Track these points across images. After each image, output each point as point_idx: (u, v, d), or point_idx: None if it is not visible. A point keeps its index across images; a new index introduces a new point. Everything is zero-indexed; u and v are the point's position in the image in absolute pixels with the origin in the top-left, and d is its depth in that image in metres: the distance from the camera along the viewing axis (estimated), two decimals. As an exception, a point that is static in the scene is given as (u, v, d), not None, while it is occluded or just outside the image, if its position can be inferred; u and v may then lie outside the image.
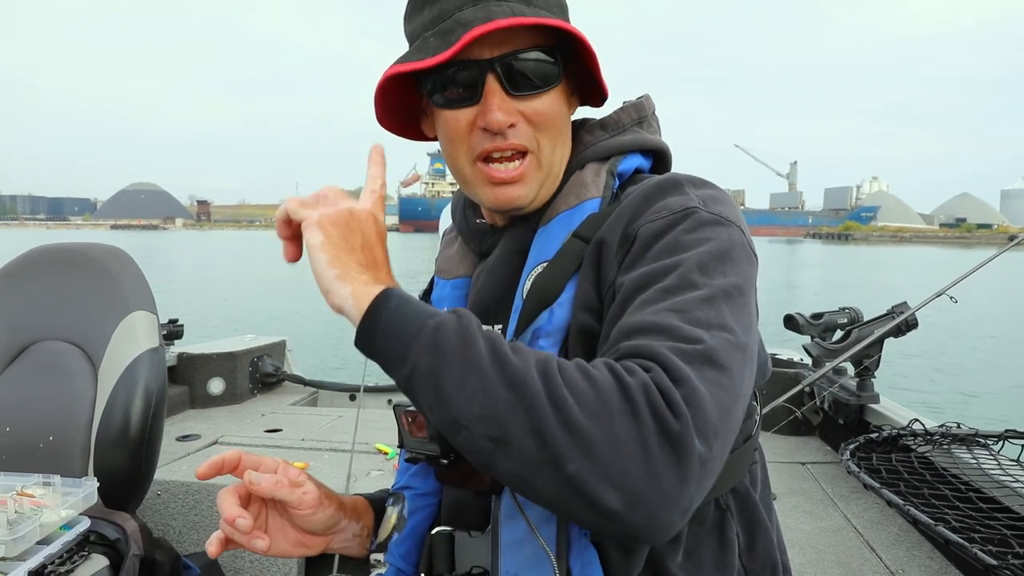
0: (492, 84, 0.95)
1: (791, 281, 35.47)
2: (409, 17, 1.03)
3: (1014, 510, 1.91)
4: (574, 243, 0.97)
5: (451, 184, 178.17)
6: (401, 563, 1.08)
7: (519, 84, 0.96)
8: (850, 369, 3.09)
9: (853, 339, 2.87)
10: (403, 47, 1.03)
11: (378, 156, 0.94)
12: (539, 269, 0.98)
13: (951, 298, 2.48)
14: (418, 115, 1.10)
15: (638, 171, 1.06)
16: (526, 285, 0.99)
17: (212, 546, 0.94)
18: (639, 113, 1.08)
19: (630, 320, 0.82)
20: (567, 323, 0.94)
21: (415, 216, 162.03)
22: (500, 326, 1.04)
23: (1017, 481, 2.04)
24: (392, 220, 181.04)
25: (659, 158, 1.09)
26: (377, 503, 1.17)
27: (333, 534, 1.07)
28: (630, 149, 1.05)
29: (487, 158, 0.98)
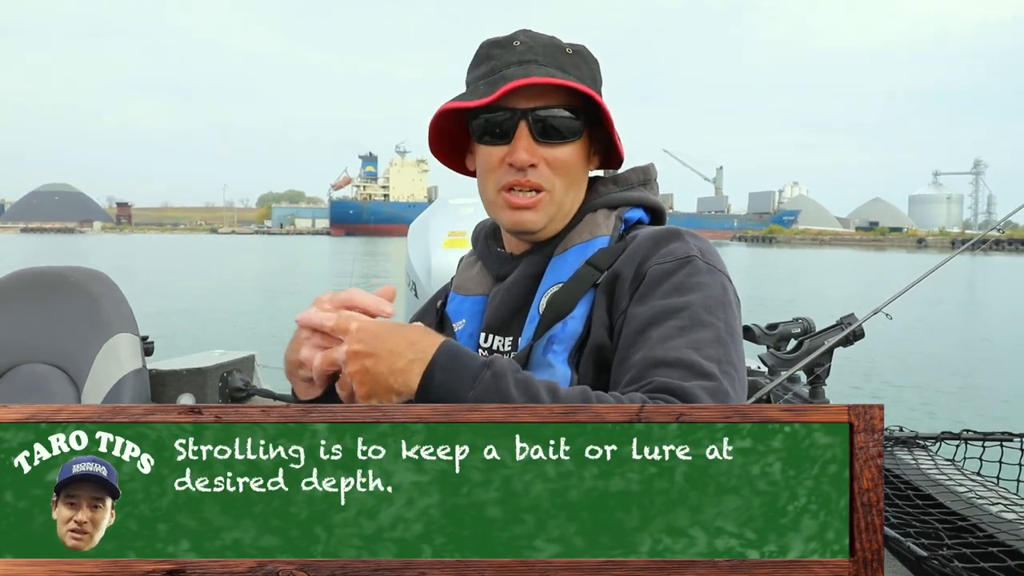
0: (523, 129, 1.16)
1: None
2: (470, 70, 1.25)
3: (947, 506, 2.09)
4: (587, 269, 1.18)
5: (382, 188, 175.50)
6: None
7: (545, 133, 1.17)
8: (803, 377, 3.24)
9: (805, 349, 3.02)
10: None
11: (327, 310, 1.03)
12: (555, 288, 1.19)
13: (887, 315, 2.65)
14: (464, 152, 1.31)
15: (639, 222, 1.28)
16: (543, 301, 1.19)
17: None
18: (645, 176, 1.32)
19: (654, 354, 1.03)
20: (578, 334, 1.15)
21: (346, 219, 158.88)
22: (511, 338, 1.24)
23: (950, 480, 2.21)
24: (323, 223, 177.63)
25: (656, 214, 1.31)
26: None
27: None
28: (636, 203, 1.27)
29: (509, 189, 1.19)
